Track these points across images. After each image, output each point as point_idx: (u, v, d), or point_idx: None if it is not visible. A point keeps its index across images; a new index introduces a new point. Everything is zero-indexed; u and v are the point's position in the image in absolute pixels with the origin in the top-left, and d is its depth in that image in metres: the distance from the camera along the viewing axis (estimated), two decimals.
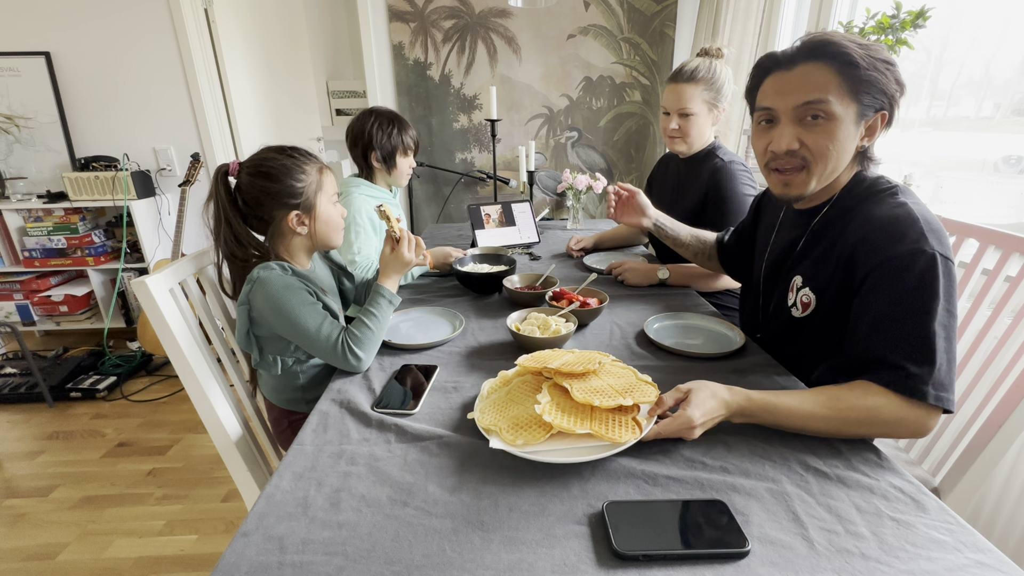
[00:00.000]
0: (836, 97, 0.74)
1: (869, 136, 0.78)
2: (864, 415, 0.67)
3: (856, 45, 0.73)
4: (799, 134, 0.78)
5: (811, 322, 0.85)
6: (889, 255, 0.71)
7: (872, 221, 0.75)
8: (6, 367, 2.35)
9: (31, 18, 2.30)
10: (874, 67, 0.73)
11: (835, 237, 0.81)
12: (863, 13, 1.34)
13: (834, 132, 0.75)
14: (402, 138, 1.41)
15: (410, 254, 1.02)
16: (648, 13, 2.46)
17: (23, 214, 2.47)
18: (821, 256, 0.83)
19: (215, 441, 0.96)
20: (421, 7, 2.44)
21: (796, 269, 0.88)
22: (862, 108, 0.75)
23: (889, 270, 0.70)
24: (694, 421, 0.65)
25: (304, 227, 0.97)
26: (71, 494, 1.68)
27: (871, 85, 0.73)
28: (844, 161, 0.79)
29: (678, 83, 1.32)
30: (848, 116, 0.75)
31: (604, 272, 1.42)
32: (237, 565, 0.51)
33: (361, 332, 0.91)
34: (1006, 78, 1.49)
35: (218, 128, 2.53)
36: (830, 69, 0.74)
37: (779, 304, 0.92)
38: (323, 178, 0.98)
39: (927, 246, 0.69)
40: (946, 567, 0.50)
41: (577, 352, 0.86)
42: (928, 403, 0.66)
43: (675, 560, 0.51)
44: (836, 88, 0.74)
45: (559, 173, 2.69)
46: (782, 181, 0.82)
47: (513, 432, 0.68)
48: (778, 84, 0.79)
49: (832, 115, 0.75)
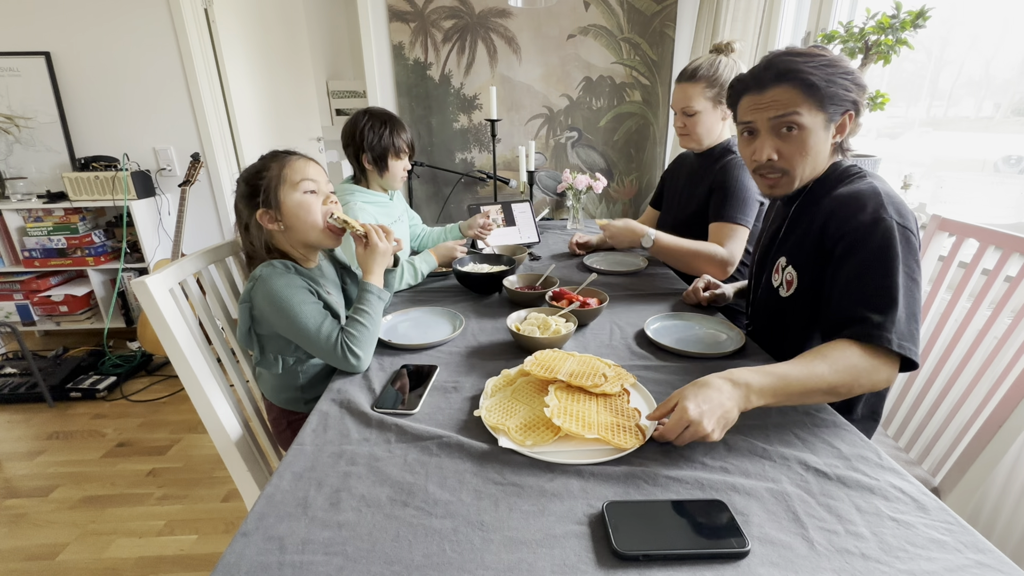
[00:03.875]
0: (804, 110, 0.84)
1: (840, 133, 0.87)
2: (845, 371, 0.71)
3: (815, 66, 0.82)
4: (777, 145, 0.88)
5: (796, 300, 0.92)
6: (853, 224, 0.80)
7: (839, 196, 0.84)
8: (6, 367, 2.35)
9: (31, 18, 2.30)
10: (833, 82, 0.82)
11: (811, 217, 0.90)
12: (863, 13, 1.34)
13: (806, 140, 0.86)
14: (393, 140, 1.35)
15: (383, 244, 0.99)
16: (648, 13, 2.46)
17: (23, 214, 2.47)
18: (800, 236, 0.92)
19: (215, 441, 0.96)
20: (421, 7, 2.44)
21: (780, 252, 0.97)
22: (829, 115, 0.84)
23: (855, 237, 0.79)
24: (689, 412, 0.64)
25: (277, 223, 0.96)
26: (71, 494, 1.68)
27: (834, 96, 0.83)
28: (821, 160, 0.89)
29: (681, 83, 1.37)
30: (817, 124, 0.85)
31: (604, 271, 1.42)
32: (237, 565, 0.51)
33: (356, 331, 0.91)
34: (1006, 78, 1.49)
35: (218, 128, 2.53)
36: (796, 90, 0.83)
37: (767, 287, 1.00)
38: (284, 170, 0.95)
39: (885, 215, 0.78)
40: (946, 567, 0.51)
41: (579, 356, 0.87)
42: (892, 350, 0.72)
43: (675, 560, 0.51)
44: (803, 103, 0.83)
45: (559, 173, 2.69)
46: (768, 184, 0.93)
47: (522, 432, 0.70)
48: (753, 103, 0.89)
49: (802, 126, 0.85)
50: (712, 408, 0.65)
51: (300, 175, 0.96)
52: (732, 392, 0.68)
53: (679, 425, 0.65)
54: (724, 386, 0.68)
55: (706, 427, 0.64)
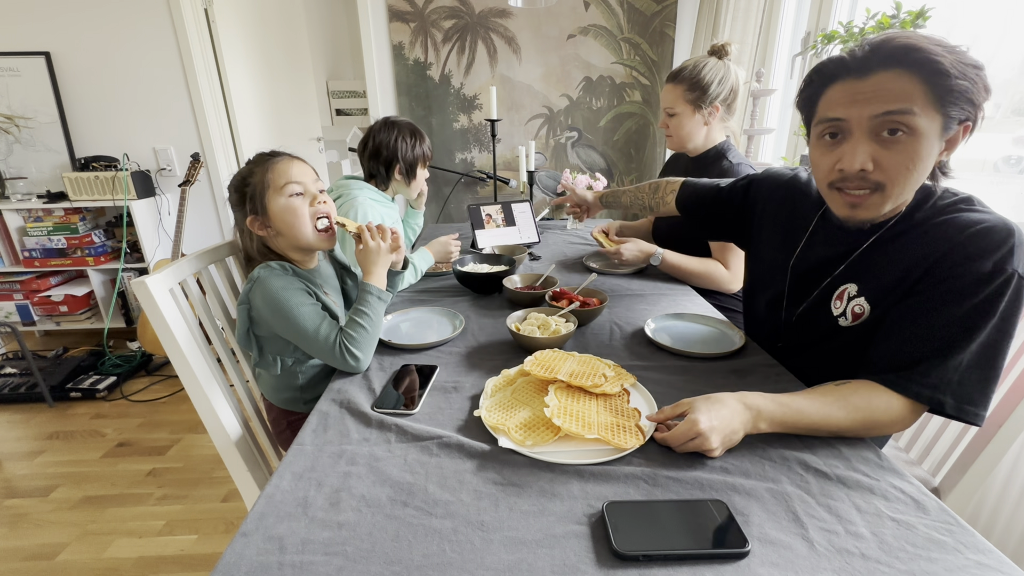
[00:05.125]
0: (921, 108, 0.64)
1: (948, 150, 0.69)
2: (861, 421, 0.68)
3: (943, 50, 0.63)
4: (874, 152, 0.68)
5: (859, 332, 0.80)
6: (971, 268, 0.66)
7: (965, 228, 0.68)
8: (6, 367, 2.35)
9: (31, 18, 2.30)
10: (964, 75, 0.62)
11: (906, 244, 0.74)
12: (863, 13, 1.34)
13: (916, 150, 0.66)
14: (423, 149, 1.44)
15: (374, 242, 0.97)
16: (648, 13, 2.46)
17: (23, 214, 2.47)
18: (885, 266, 0.76)
19: (215, 441, 0.96)
20: (421, 7, 2.44)
21: (849, 278, 0.81)
22: (947, 121, 0.65)
23: (962, 285, 0.67)
24: (700, 424, 0.64)
25: (267, 229, 0.96)
26: (71, 494, 1.68)
27: (960, 95, 0.63)
28: (921, 181, 0.70)
29: (666, 83, 1.40)
30: (932, 130, 0.65)
31: (604, 271, 1.42)
32: (237, 565, 0.51)
33: (356, 332, 0.90)
34: (1006, 78, 1.49)
35: (218, 128, 2.53)
36: (914, 78, 0.64)
37: (819, 309, 0.86)
38: (268, 175, 0.93)
39: (1009, 266, 0.65)
40: (946, 568, 0.50)
41: (579, 356, 0.87)
42: (922, 403, 0.68)
43: (675, 560, 0.51)
44: (921, 98, 0.64)
45: (559, 173, 2.69)
46: (849, 203, 0.73)
47: (522, 432, 0.70)
48: (849, 92, 0.68)
49: (915, 129, 0.65)
50: (722, 426, 0.65)
51: (284, 178, 0.94)
52: (743, 415, 0.67)
53: (686, 435, 0.65)
54: (736, 407, 0.67)
55: (712, 443, 0.64)
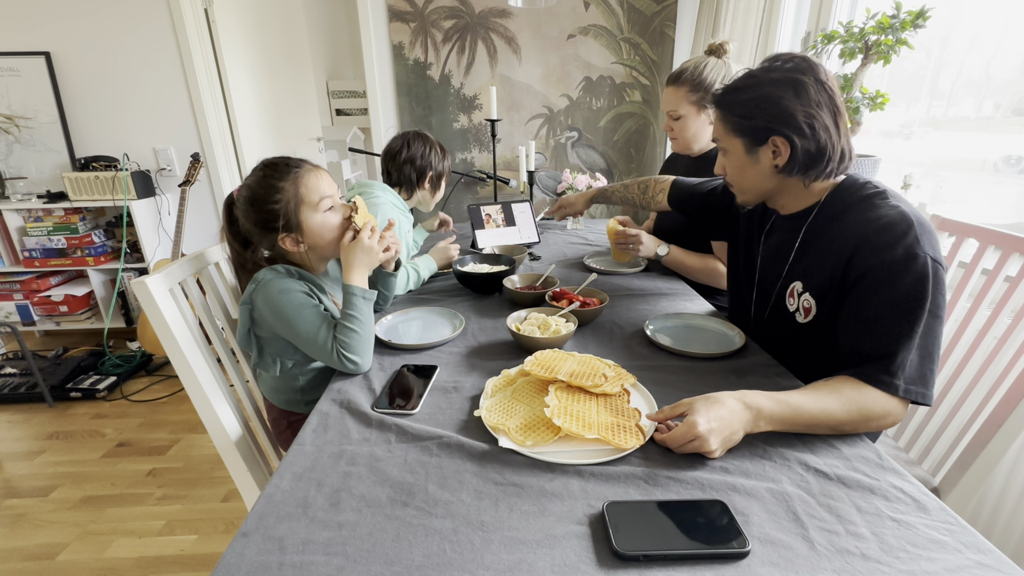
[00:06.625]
0: (720, 136, 0.90)
1: (781, 157, 0.83)
2: (856, 412, 0.70)
3: (737, 103, 0.85)
4: (722, 162, 0.94)
5: (815, 326, 0.87)
6: (883, 260, 0.74)
7: (867, 226, 0.78)
8: (6, 367, 2.35)
9: (31, 18, 2.30)
10: (745, 115, 0.84)
11: (829, 241, 0.83)
12: (863, 13, 1.34)
13: (732, 162, 0.91)
14: (447, 165, 1.50)
15: (367, 242, 0.95)
16: (648, 13, 2.46)
17: (23, 214, 2.47)
18: (816, 260, 0.86)
19: (215, 441, 0.96)
20: (421, 7, 2.44)
21: (794, 275, 0.91)
22: (747, 141, 0.85)
23: (882, 275, 0.74)
24: (698, 426, 0.64)
25: (300, 245, 0.95)
26: (71, 494, 1.68)
27: (742, 126, 0.85)
28: (759, 181, 0.89)
29: (667, 85, 1.39)
30: (736, 149, 0.88)
31: (604, 271, 1.42)
32: (237, 565, 0.51)
33: (348, 336, 0.89)
34: (1006, 78, 1.49)
35: (218, 128, 2.53)
36: (719, 119, 0.90)
37: (778, 308, 0.95)
38: (300, 189, 0.92)
39: (919, 251, 0.72)
40: (946, 568, 0.50)
41: (579, 356, 0.87)
42: (898, 396, 0.71)
43: (675, 560, 0.51)
44: (720, 130, 0.90)
45: (559, 173, 2.69)
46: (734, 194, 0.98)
47: (522, 432, 0.70)
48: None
49: (725, 150, 0.91)
50: (721, 428, 0.66)
51: (318, 193, 0.94)
52: (743, 415, 0.67)
53: (685, 437, 0.65)
54: (736, 406, 0.68)
55: (711, 444, 0.64)
